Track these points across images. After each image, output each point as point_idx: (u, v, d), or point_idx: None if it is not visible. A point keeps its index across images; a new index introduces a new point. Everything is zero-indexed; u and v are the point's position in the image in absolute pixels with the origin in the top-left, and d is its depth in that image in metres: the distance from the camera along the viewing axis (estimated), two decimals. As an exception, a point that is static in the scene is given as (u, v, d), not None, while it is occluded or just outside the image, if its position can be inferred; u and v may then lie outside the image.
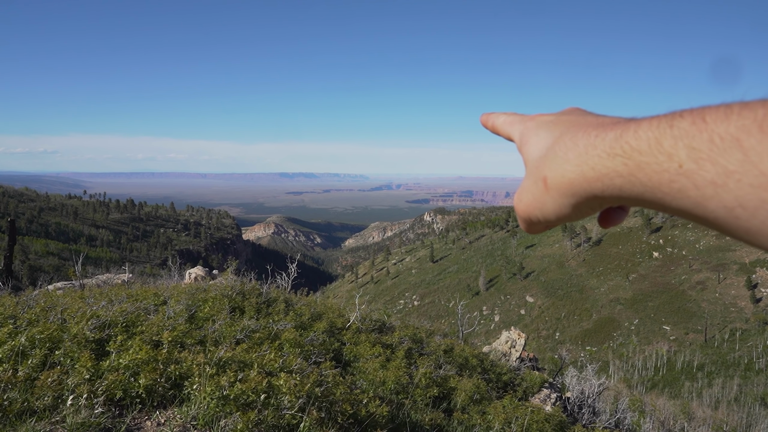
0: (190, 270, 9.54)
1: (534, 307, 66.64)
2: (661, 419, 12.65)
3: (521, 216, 0.43)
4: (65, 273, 8.44)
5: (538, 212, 0.40)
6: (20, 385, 2.69)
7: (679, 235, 71.34)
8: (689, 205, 0.29)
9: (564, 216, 0.39)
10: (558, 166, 0.37)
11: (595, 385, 7.40)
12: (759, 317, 47.24)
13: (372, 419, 3.51)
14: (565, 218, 0.40)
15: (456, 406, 4.99)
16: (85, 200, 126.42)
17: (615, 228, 59.34)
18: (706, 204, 0.28)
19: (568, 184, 0.36)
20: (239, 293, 5.93)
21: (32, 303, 4.43)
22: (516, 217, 0.46)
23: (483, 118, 0.52)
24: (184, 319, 4.61)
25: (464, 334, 9.20)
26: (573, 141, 0.36)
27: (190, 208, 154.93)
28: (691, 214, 0.30)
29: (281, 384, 3.14)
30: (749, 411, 21.00)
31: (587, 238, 77.79)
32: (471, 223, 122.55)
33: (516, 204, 0.43)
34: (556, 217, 0.39)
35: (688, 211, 0.30)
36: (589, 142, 0.35)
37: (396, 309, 67.58)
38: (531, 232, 0.45)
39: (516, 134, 0.46)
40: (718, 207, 0.27)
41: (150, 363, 3.09)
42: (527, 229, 0.45)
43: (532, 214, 0.41)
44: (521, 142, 0.44)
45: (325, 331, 5.52)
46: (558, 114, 0.43)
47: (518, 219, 0.44)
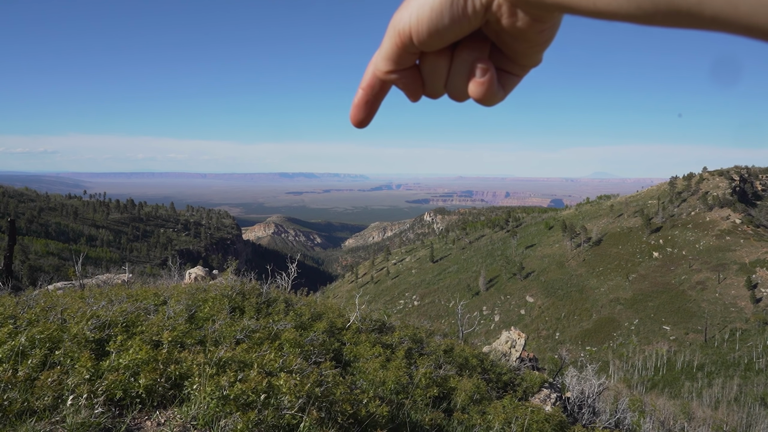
0: (190, 270, 9.54)
1: (534, 307, 66.61)
2: (661, 419, 12.65)
3: (392, 33, 0.38)
4: (65, 273, 8.44)
5: (412, 17, 0.37)
6: (20, 385, 2.69)
7: (679, 235, 71.32)
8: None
9: (438, 14, 0.35)
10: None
11: (595, 385, 7.40)
12: (759, 317, 47.21)
13: (372, 419, 3.51)
14: (440, 17, 0.36)
15: (456, 406, 4.99)
16: (85, 200, 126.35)
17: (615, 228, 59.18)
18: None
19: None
20: (239, 293, 5.93)
21: (32, 303, 4.43)
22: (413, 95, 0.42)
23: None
24: (184, 319, 4.61)
25: (464, 334, 9.20)
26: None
27: (190, 208, 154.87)
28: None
29: (281, 384, 3.14)
30: (749, 411, 21.01)
31: (587, 238, 77.75)
32: (471, 223, 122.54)
33: (393, 20, 0.38)
34: (430, 12, 0.35)
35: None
36: None
37: (396, 309, 67.57)
38: (400, 75, 0.41)
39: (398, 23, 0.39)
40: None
41: (150, 363, 3.09)
42: (395, 63, 0.40)
43: (403, 21, 0.37)
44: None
45: (325, 331, 5.52)
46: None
47: (385, 52, 0.40)
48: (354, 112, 0.45)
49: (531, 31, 0.37)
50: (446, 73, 0.41)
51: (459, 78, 0.41)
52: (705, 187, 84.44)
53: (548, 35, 0.38)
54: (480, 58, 0.40)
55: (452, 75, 0.41)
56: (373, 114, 0.45)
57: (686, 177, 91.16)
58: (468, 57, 0.40)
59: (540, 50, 0.40)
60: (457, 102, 0.43)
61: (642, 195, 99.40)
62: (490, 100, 0.41)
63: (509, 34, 0.37)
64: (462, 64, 0.40)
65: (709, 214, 73.80)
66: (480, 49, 0.40)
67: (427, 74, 0.41)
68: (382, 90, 0.44)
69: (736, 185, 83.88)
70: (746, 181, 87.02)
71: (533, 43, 0.38)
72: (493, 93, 0.41)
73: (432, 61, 0.41)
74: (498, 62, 0.41)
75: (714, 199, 76.67)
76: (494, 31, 0.38)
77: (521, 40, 0.38)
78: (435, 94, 0.43)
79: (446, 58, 0.41)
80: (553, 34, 0.38)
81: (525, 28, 0.36)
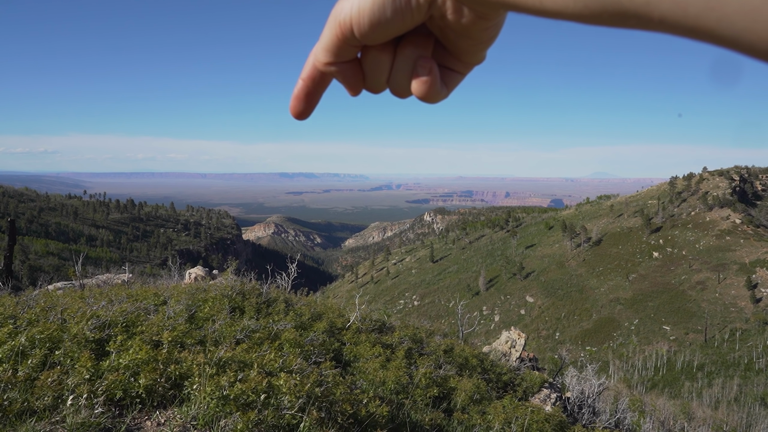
0: (190, 270, 9.54)
1: (534, 307, 66.62)
2: (661, 419, 12.65)
3: (332, 23, 0.37)
4: (65, 273, 8.44)
5: (353, 10, 0.35)
6: (20, 385, 2.69)
7: (679, 235, 71.33)
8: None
9: (380, 6, 0.34)
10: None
11: (595, 385, 7.40)
12: (759, 317, 47.21)
13: (372, 419, 3.51)
14: (382, 9, 0.34)
15: (456, 406, 4.99)
16: (85, 200, 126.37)
17: (615, 228, 59.18)
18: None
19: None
20: (239, 293, 5.93)
21: (32, 303, 4.43)
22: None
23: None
24: (184, 319, 4.61)
25: (464, 334, 9.20)
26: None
27: (190, 208, 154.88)
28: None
29: (281, 384, 3.14)
30: (749, 411, 21.01)
31: (587, 238, 77.76)
32: (471, 223, 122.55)
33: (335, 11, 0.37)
34: (372, 3, 0.34)
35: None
36: None
37: (396, 309, 67.59)
38: (340, 65, 0.40)
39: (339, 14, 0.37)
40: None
41: (150, 363, 3.09)
42: (335, 55, 0.39)
43: (344, 11, 0.36)
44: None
45: (325, 331, 5.53)
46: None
47: (326, 43, 0.38)
48: (294, 104, 0.43)
49: (475, 29, 0.36)
50: (389, 68, 0.40)
51: (401, 75, 0.40)
52: (705, 187, 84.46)
53: (492, 32, 0.37)
54: (423, 56, 0.39)
55: (395, 71, 0.40)
56: (314, 106, 0.44)
57: (686, 177, 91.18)
58: (411, 54, 0.39)
59: (484, 48, 0.39)
60: (399, 98, 0.42)
61: (642, 195, 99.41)
62: (433, 98, 0.40)
63: (453, 30, 0.37)
64: (405, 60, 0.39)
65: (709, 214, 73.81)
66: (423, 45, 0.39)
67: (369, 69, 0.40)
68: (322, 82, 0.42)
69: (736, 185, 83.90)
70: (746, 181, 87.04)
71: (477, 41, 0.38)
72: (436, 91, 0.40)
73: (374, 56, 0.39)
74: (441, 59, 0.41)
75: (714, 199, 76.68)
76: (438, 26, 0.37)
77: (465, 37, 0.37)
78: (376, 89, 0.42)
79: (389, 53, 0.39)
80: (497, 32, 0.37)
81: (469, 25, 0.36)
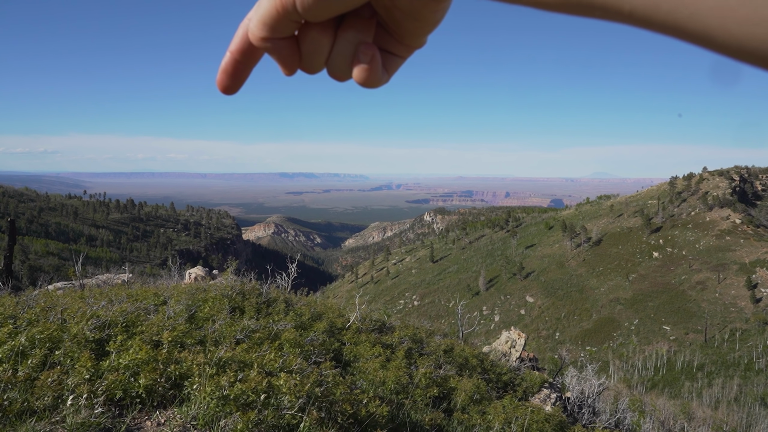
0: (190, 270, 9.54)
1: (534, 307, 66.62)
2: (661, 419, 12.65)
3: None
4: (65, 273, 8.44)
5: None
6: (20, 385, 2.69)
7: (679, 235, 71.33)
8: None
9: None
10: None
11: (595, 385, 7.41)
12: (759, 317, 47.21)
13: (372, 419, 3.51)
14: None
15: (456, 406, 4.99)
16: (85, 200, 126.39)
17: (615, 228, 59.19)
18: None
19: None
20: (239, 293, 5.93)
21: (32, 303, 4.43)
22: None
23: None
24: (184, 319, 4.61)
25: (464, 334, 9.20)
26: None
27: (190, 208, 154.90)
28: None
29: (281, 384, 3.14)
30: (749, 411, 21.02)
31: (587, 238, 77.75)
32: (471, 223, 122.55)
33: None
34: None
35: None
36: None
37: (396, 309, 67.57)
38: (274, 45, 0.37)
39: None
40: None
41: (150, 363, 3.09)
42: (272, 30, 0.36)
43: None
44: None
45: (325, 331, 5.53)
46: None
47: (262, 20, 0.35)
48: (221, 78, 0.40)
49: (427, 9, 0.34)
50: (328, 50, 0.38)
51: (341, 59, 0.38)
52: (705, 187, 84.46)
53: (441, 14, 0.36)
54: (365, 42, 0.38)
55: (334, 54, 0.38)
56: (243, 81, 0.41)
57: (686, 177, 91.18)
58: (352, 38, 0.37)
59: (430, 30, 0.37)
60: (336, 81, 0.40)
61: (642, 195, 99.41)
62: (374, 85, 0.39)
63: (402, 10, 0.35)
64: (345, 45, 0.38)
65: (709, 214, 73.81)
66: (365, 29, 0.38)
67: (307, 48, 0.38)
68: (252, 56, 0.39)
69: (736, 185, 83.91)
70: (746, 181, 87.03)
71: (425, 23, 0.36)
72: (378, 78, 0.39)
73: (314, 36, 0.37)
74: (382, 42, 0.39)
75: (714, 199, 76.68)
76: (385, 6, 0.35)
77: (414, 18, 0.35)
78: (312, 70, 0.40)
79: (329, 35, 0.37)
80: (445, 13, 0.36)
81: (421, 6, 0.34)
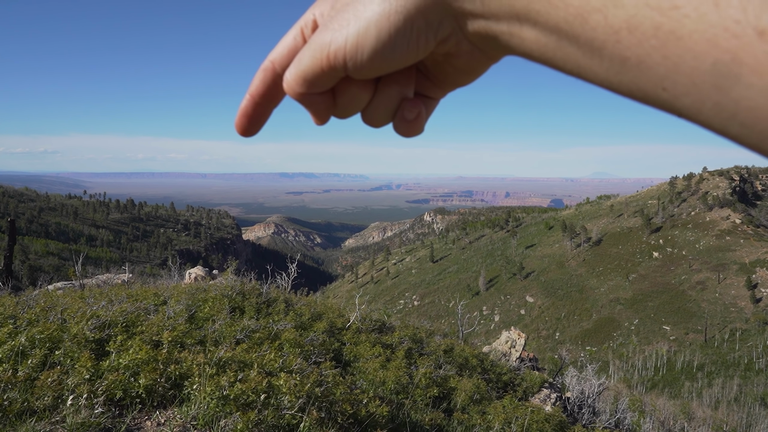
0: (190, 270, 9.54)
1: (534, 307, 66.64)
2: (661, 419, 12.65)
3: (317, 54, 0.31)
4: (65, 273, 8.45)
5: (347, 37, 0.30)
6: (20, 385, 2.69)
7: (679, 235, 71.35)
8: (562, 21, 0.24)
9: (388, 43, 0.30)
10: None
11: (595, 385, 7.41)
12: (759, 317, 47.24)
13: (372, 419, 3.51)
14: (389, 46, 0.30)
15: (456, 406, 4.99)
16: (85, 200, 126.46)
17: (615, 228, 59.13)
18: (586, 19, 0.23)
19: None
20: (239, 293, 5.93)
21: (32, 303, 4.43)
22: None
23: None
24: (184, 319, 4.61)
25: (464, 334, 9.20)
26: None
27: (190, 208, 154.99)
28: (562, 32, 0.24)
29: (281, 384, 3.14)
30: (749, 411, 21.03)
31: (587, 238, 77.76)
32: (471, 223, 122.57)
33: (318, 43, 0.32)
34: (376, 40, 0.30)
35: (559, 28, 0.24)
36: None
37: (396, 309, 67.58)
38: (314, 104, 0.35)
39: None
40: (601, 27, 0.22)
41: (150, 363, 3.09)
42: (314, 86, 0.33)
43: (336, 43, 0.31)
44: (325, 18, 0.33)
45: (325, 331, 5.53)
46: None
47: (306, 73, 0.32)
48: (241, 121, 0.38)
49: (481, 68, 0.34)
50: (366, 103, 0.36)
51: (381, 112, 0.36)
52: (705, 187, 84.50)
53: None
54: (411, 99, 0.36)
55: (374, 107, 0.36)
56: (263, 124, 0.39)
57: (686, 177, 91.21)
58: (396, 94, 0.35)
59: (476, 78, 0.36)
60: (369, 126, 0.38)
61: (642, 195, 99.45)
62: (416, 135, 0.37)
63: (456, 67, 0.34)
64: (388, 99, 0.35)
65: (709, 214, 73.84)
66: (408, 83, 0.35)
67: (344, 102, 0.35)
68: (274, 100, 0.37)
69: (736, 185, 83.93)
70: (746, 181, 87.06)
71: (476, 76, 0.35)
72: (422, 130, 0.37)
73: (354, 91, 0.35)
74: (419, 88, 0.37)
75: (714, 199, 76.70)
76: (436, 62, 0.34)
77: (466, 74, 0.34)
78: (345, 117, 0.37)
79: (370, 90, 0.35)
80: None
81: (479, 66, 0.33)
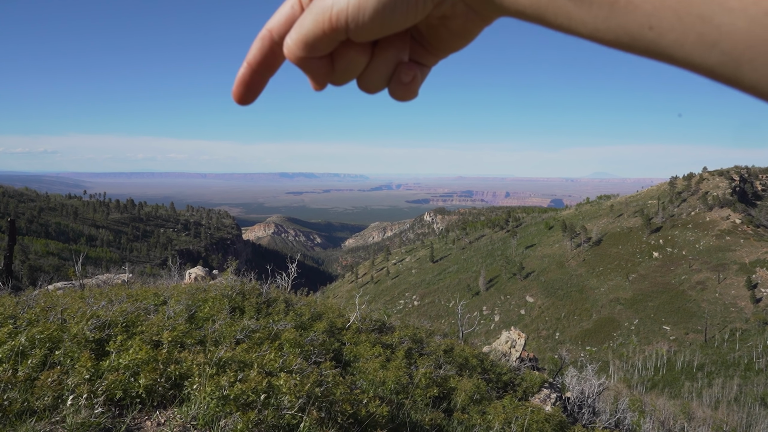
0: (190, 270, 9.54)
1: (534, 307, 66.62)
2: (661, 419, 12.65)
3: (319, 17, 0.33)
4: (65, 273, 8.45)
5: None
6: (20, 385, 2.69)
7: (679, 235, 71.33)
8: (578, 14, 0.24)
9: (388, 4, 0.31)
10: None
11: (595, 385, 7.40)
12: (759, 317, 47.22)
13: (372, 419, 3.51)
14: (390, 8, 0.31)
15: (456, 406, 4.99)
16: (85, 200, 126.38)
17: (615, 228, 59.20)
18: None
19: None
20: (239, 293, 5.93)
21: (32, 303, 4.43)
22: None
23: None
24: (184, 319, 4.61)
25: (464, 334, 9.20)
26: None
27: (190, 208, 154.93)
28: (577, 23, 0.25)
29: (281, 384, 3.14)
30: (749, 411, 21.02)
31: (587, 238, 77.74)
32: (471, 223, 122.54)
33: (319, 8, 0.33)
34: (376, 1, 0.31)
35: (569, 18, 0.24)
36: None
37: (396, 309, 67.58)
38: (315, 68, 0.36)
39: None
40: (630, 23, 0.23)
41: (150, 363, 3.09)
42: (315, 50, 0.34)
43: (338, 5, 0.32)
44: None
45: (325, 331, 5.53)
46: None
47: (308, 39, 0.34)
48: (239, 89, 0.39)
49: (477, 30, 0.34)
50: (363, 68, 0.37)
51: (377, 75, 0.37)
52: (705, 187, 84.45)
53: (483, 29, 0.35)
54: (406, 63, 0.37)
55: (371, 71, 0.37)
56: (259, 92, 0.40)
57: (686, 177, 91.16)
58: (392, 57, 0.37)
59: (468, 43, 0.37)
60: (365, 92, 0.39)
61: (642, 195, 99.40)
62: (410, 100, 0.39)
63: (450, 30, 0.35)
64: (384, 63, 0.37)
65: (709, 214, 73.81)
66: (403, 47, 0.37)
67: (342, 66, 0.36)
68: (271, 67, 0.38)
69: (736, 185, 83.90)
70: (746, 181, 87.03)
71: (470, 39, 0.36)
72: (416, 94, 0.38)
73: (352, 55, 0.36)
74: (414, 54, 0.38)
75: (714, 199, 76.68)
76: (431, 25, 0.35)
77: (460, 37, 0.35)
78: (342, 84, 0.39)
79: (367, 53, 0.36)
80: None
81: (474, 28, 0.34)
